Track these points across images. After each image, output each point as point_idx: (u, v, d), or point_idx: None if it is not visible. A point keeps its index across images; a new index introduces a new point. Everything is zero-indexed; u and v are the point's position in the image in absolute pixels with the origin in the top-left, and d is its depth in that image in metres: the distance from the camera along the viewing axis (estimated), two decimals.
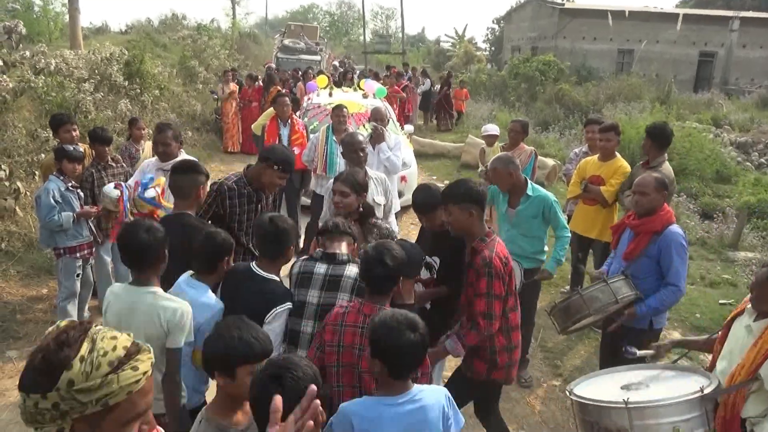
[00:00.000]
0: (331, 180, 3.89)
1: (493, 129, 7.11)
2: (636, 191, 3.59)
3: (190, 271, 2.90)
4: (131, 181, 4.50)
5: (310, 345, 2.64)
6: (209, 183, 3.58)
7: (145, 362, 1.22)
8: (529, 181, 4.23)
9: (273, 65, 19.97)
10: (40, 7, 22.85)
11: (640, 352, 3.02)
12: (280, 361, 1.79)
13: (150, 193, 3.91)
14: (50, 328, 1.25)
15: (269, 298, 2.68)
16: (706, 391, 2.33)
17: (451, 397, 2.23)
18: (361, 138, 4.51)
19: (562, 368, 4.87)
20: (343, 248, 2.88)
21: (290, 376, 1.67)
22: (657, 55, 27.70)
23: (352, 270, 2.77)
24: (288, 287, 2.86)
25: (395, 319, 2.06)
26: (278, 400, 1.25)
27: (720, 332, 2.87)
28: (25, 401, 1.15)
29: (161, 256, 2.59)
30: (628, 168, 5.13)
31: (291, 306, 2.73)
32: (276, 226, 2.77)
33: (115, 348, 1.18)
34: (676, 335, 5.39)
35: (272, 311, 2.65)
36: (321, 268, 2.78)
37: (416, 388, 2.13)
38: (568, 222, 5.07)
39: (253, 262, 2.88)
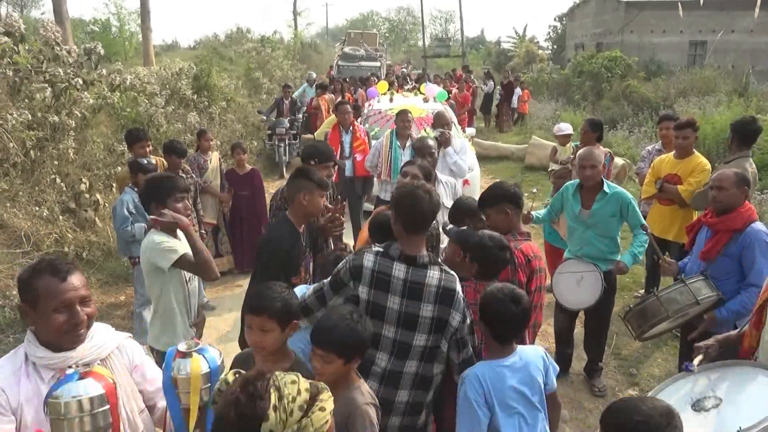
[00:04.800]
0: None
1: (566, 128, 6.84)
2: (714, 186, 3.39)
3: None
4: None
5: (389, 352, 2.49)
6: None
7: (328, 401, 1.27)
8: (604, 179, 4.09)
9: (333, 73, 20.27)
10: (116, 28, 24.18)
11: (696, 365, 2.66)
12: None
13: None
14: (230, 380, 1.36)
15: None
16: None
17: (546, 352, 2.55)
18: (431, 142, 4.51)
19: (638, 377, 4.65)
20: (424, 249, 2.58)
21: None
22: (733, 45, 26.24)
23: (434, 276, 2.46)
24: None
25: (502, 292, 2.40)
26: None
27: (753, 317, 2.67)
28: None
29: None
30: (708, 165, 4.86)
31: None
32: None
33: (299, 392, 1.24)
34: None
35: None
36: (400, 271, 2.44)
37: (519, 348, 2.48)
38: None
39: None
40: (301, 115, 12.44)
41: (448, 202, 4.36)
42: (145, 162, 4.82)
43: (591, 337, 4.50)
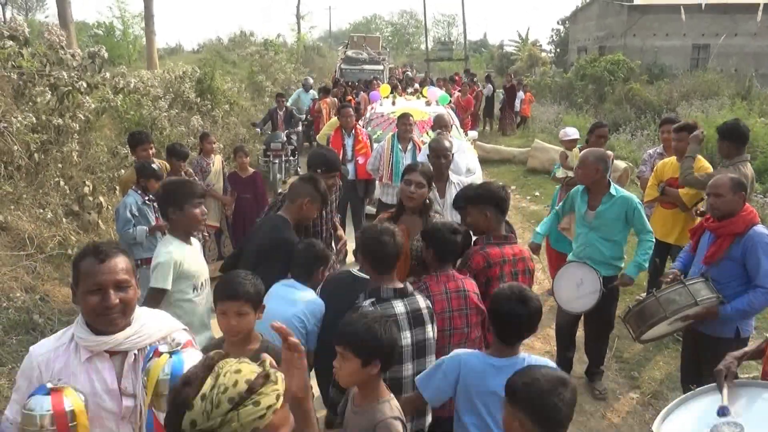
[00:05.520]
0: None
1: (572, 133, 6.74)
2: (710, 193, 3.40)
3: (285, 280, 3.15)
4: None
5: (411, 387, 2.57)
6: None
7: (269, 395, 1.17)
8: (612, 183, 4.10)
9: (337, 76, 20.32)
10: (120, 32, 24.27)
11: (725, 404, 2.31)
12: None
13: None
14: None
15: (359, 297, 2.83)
16: None
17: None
18: (447, 144, 4.54)
19: (640, 380, 4.64)
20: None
21: None
22: (736, 48, 26.22)
23: (420, 298, 2.69)
24: None
25: (510, 290, 2.38)
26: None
27: None
28: None
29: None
30: (710, 168, 4.86)
31: None
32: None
33: (236, 383, 1.15)
34: None
35: None
36: (400, 307, 2.61)
37: (522, 355, 2.38)
38: None
39: (354, 268, 3.12)
40: (299, 128, 11.54)
41: None
42: (156, 168, 4.86)
43: (592, 340, 4.50)
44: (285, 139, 10.08)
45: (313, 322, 2.99)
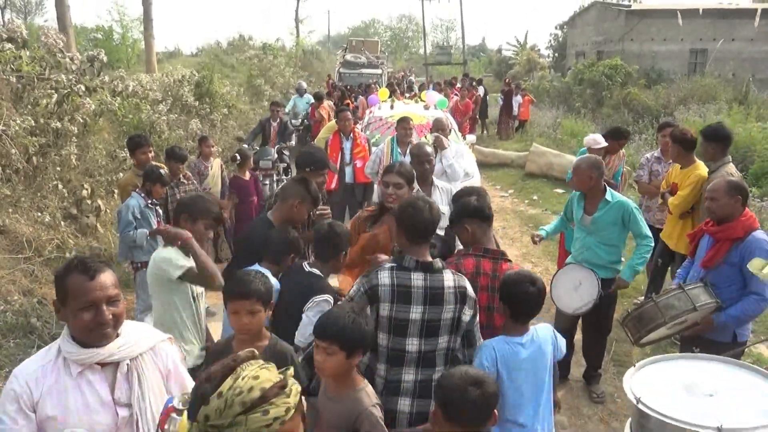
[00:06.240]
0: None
1: (601, 140, 6.23)
2: (707, 197, 3.44)
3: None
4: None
5: (415, 364, 2.55)
6: None
7: (279, 407, 1.20)
8: (608, 188, 4.12)
9: (334, 81, 20.34)
10: (119, 35, 24.28)
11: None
12: None
13: None
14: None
15: (305, 289, 2.95)
16: None
17: (554, 330, 2.74)
18: (429, 149, 4.54)
19: None
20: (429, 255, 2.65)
21: None
22: (733, 53, 26.30)
23: (449, 278, 2.56)
24: (328, 284, 3.06)
25: (520, 274, 2.64)
26: None
27: None
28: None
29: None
30: (699, 177, 4.79)
31: (330, 299, 2.90)
32: (332, 230, 3.10)
33: (251, 389, 1.20)
34: (763, 349, 5.05)
35: (310, 300, 2.88)
36: (418, 280, 2.52)
37: (532, 328, 2.65)
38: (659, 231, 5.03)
39: (306, 261, 3.18)
40: (293, 141, 10.65)
41: (444, 208, 4.36)
42: (163, 174, 4.88)
43: (590, 343, 4.50)
44: (276, 156, 8.74)
45: None
